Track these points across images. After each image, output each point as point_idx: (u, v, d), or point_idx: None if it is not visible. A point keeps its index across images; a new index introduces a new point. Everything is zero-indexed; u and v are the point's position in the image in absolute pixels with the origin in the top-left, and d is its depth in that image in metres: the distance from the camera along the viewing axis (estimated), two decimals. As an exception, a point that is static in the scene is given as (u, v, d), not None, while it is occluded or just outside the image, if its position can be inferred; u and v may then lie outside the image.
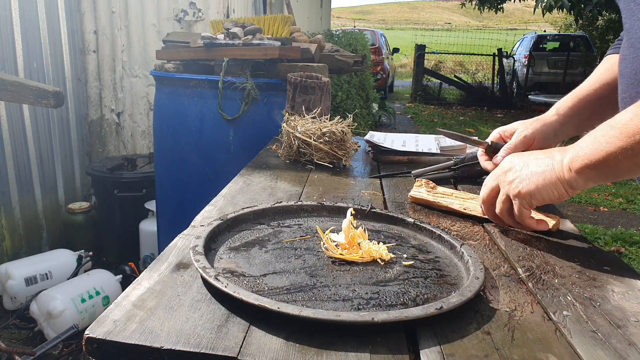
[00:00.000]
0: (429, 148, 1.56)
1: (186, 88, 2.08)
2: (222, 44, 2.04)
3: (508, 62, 12.87)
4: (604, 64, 1.04)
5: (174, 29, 3.30)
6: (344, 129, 1.40)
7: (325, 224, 0.94)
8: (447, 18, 62.28)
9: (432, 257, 0.82)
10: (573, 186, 0.78)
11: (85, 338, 0.55)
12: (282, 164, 1.41)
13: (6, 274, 2.46)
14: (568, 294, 0.71)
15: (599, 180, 0.77)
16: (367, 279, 0.73)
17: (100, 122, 3.59)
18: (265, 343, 0.55)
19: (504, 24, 49.34)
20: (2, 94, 1.86)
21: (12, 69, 2.75)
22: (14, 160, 2.78)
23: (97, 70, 3.49)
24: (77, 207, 3.09)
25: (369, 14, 67.04)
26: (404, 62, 22.64)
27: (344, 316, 0.58)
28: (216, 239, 0.83)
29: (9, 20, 2.72)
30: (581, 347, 0.58)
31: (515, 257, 0.84)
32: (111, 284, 2.47)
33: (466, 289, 0.66)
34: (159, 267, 0.73)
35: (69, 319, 2.22)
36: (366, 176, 1.35)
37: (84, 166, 3.44)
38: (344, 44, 6.13)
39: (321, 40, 2.31)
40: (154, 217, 2.82)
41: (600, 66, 1.04)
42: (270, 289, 0.68)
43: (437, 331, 0.60)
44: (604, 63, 1.04)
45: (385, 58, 12.69)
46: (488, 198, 0.91)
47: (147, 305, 0.62)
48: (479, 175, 1.32)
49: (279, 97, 2.04)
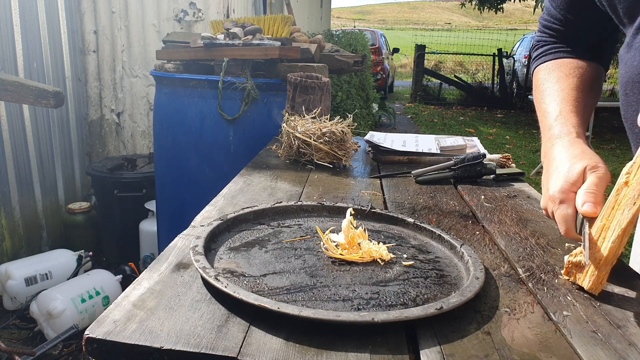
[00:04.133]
0: (429, 148, 1.57)
1: (186, 88, 2.08)
2: (222, 44, 2.04)
3: (508, 62, 12.87)
4: (559, 70, 1.01)
5: (174, 29, 3.30)
6: (344, 129, 1.40)
7: (325, 224, 0.94)
8: (447, 18, 62.31)
9: (432, 257, 0.82)
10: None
11: (85, 338, 0.55)
12: (282, 164, 1.41)
13: (6, 274, 2.46)
14: (568, 294, 0.71)
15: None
16: (367, 279, 0.73)
17: (100, 122, 3.59)
18: (265, 343, 0.55)
19: (504, 24, 49.37)
20: (2, 94, 1.86)
21: (12, 69, 2.75)
22: (14, 160, 2.78)
23: (97, 70, 3.49)
24: (77, 207, 3.09)
25: (369, 14, 67.06)
26: (404, 62, 22.65)
27: (344, 316, 0.58)
28: (216, 239, 0.83)
29: (9, 20, 2.72)
30: (581, 347, 0.58)
31: (515, 257, 0.84)
32: (111, 284, 2.47)
33: (466, 289, 0.66)
34: (159, 267, 0.73)
35: (69, 319, 2.22)
36: (366, 176, 1.35)
37: (84, 166, 3.45)
38: (344, 44, 6.13)
39: (321, 40, 2.31)
40: (154, 217, 2.82)
41: (561, 75, 1.01)
42: (270, 289, 0.68)
43: (437, 331, 0.60)
44: (559, 70, 1.02)
45: (385, 58, 12.70)
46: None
47: (147, 306, 0.62)
48: (479, 175, 1.32)
49: (279, 97, 2.04)
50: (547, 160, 0.89)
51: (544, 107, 0.98)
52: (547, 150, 0.91)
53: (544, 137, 0.94)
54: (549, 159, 0.88)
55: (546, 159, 0.90)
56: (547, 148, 0.91)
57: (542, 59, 1.08)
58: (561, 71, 1.01)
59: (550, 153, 0.88)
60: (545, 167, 0.89)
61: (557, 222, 0.79)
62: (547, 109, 0.97)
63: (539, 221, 1.03)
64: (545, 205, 0.83)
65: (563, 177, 0.79)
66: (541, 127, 0.98)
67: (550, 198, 0.80)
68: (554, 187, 0.79)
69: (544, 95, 1.00)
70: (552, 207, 0.79)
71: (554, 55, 1.06)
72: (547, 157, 0.90)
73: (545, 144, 0.93)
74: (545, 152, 0.91)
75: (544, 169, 0.89)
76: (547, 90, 1.00)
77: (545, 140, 0.93)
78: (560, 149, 0.86)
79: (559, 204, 0.78)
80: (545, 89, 1.01)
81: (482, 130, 8.63)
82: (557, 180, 0.80)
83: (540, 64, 1.08)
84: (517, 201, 1.17)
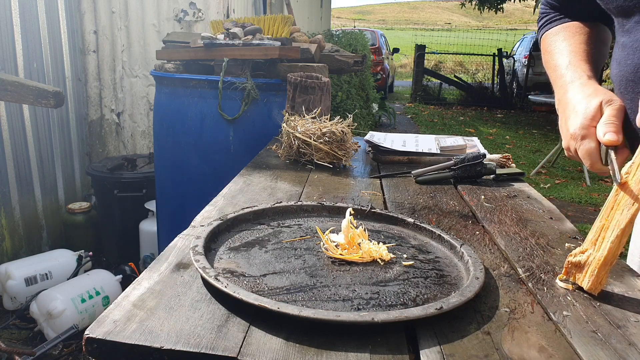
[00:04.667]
0: (429, 148, 1.57)
1: (186, 88, 2.08)
2: (222, 44, 2.04)
3: (508, 62, 12.87)
4: (565, 31, 1.03)
5: (174, 29, 3.30)
6: (344, 129, 1.40)
7: (325, 224, 0.94)
8: (447, 18, 62.33)
9: (432, 257, 0.82)
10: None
11: (85, 338, 0.55)
12: (282, 164, 1.41)
13: (6, 274, 2.46)
14: (568, 294, 0.71)
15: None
16: (367, 279, 0.73)
17: (100, 122, 3.59)
18: (265, 343, 0.55)
19: (504, 24, 49.37)
20: (2, 94, 1.86)
21: (12, 69, 2.75)
22: (14, 160, 2.78)
23: (97, 70, 3.49)
24: (77, 207, 3.09)
25: (369, 14, 67.07)
26: (404, 62, 22.64)
27: (344, 316, 0.58)
28: (216, 239, 0.83)
29: (9, 20, 2.72)
30: (581, 347, 0.58)
31: (515, 257, 0.84)
32: (111, 284, 2.47)
33: (466, 289, 0.66)
34: (159, 267, 0.73)
35: (69, 319, 2.22)
36: (366, 176, 1.35)
37: (84, 166, 3.45)
38: (344, 44, 6.13)
39: (321, 40, 2.31)
40: (154, 217, 2.82)
41: (568, 34, 1.02)
42: (270, 289, 0.68)
43: (437, 331, 0.60)
44: (565, 31, 1.03)
45: (385, 58, 12.69)
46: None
47: (147, 306, 0.62)
48: (479, 175, 1.32)
49: (279, 97, 2.04)
50: (562, 105, 0.91)
51: (553, 63, 1.00)
52: (560, 97, 0.93)
53: (556, 86, 0.96)
54: (564, 103, 0.90)
55: (560, 104, 0.92)
56: (561, 95, 0.93)
57: (548, 26, 1.09)
58: (568, 31, 1.03)
59: (565, 97, 0.90)
60: (562, 111, 0.91)
61: (581, 159, 0.81)
62: (557, 62, 0.99)
63: (539, 221, 1.03)
64: (567, 145, 0.85)
65: (582, 114, 0.81)
66: (552, 81, 1.00)
67: (571, 136, 0.82)
68: (574, 125, 0.82)
69: (552, 54, 1.02)
70: (575, 144, 0.81)
71: (559, 21, 1.06)
72: (561, 103, 0.92)
73: (558, 92, 0.95)
74: (560, 99, 0.93)
75: (560, 114, 0.92)
76: (556, 48, 1.02)
77: (557, 89, 0.96)
78: (574, 91, 0.88)
79: (581, 139, 0.80)
80: (553, 48, 1.02)
81: (482, 130, 8.63)
82: (576, 118, 0.82)
83: (546, 31, 1.09)
84: (517, 201, 1.17)
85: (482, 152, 1.35)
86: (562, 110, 0.90)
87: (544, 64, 1.06)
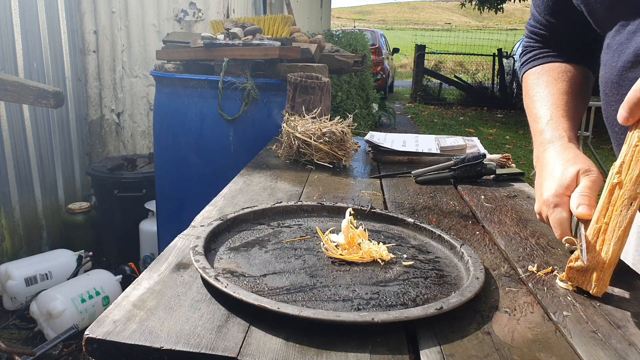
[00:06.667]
0: (429, 148, 1.57)
1: (186, 88, 2.08)
2: (222, 44, 2.04)
3: (508, 62, 12.87)
4: (547, 75, 1.02)
5: (174, 29, 3.30)
6: (344, 129, 1.40)
7: (325, 224, 0.94)
8: (447, 18, 62.35)
9: (432, 257, 0.82)
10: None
11: (85, 338, 0.55)
12: (282, 164, 1.41)
13: (6, 274, 2.46)
14: (568, 294, 0.71)
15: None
16: (367, 279, 0.73)
17: (100, 122, 3.59)
18: (265, 343, 0.55)
19: (504, 24, 49.40)
20: (2, 94, 1.86)
21: (12, 69, 2.75)
22: (14, 160, 2.78)
23: (97, 70, 3.49)
24: (77, 207, 3.09)
25: (369, 14, 67.09)
26: (404, 62, 22.65)
27: (344, 316, 0.58)
28: (216, 239, 0.83)
29: (9, 20, 2.72)
30: (581, 347, 0.58)
31: (515, 257, 0.84)
32: (111, 284, 2.47)
33: (466, 289, 0.66)
34: (159, 267, 0.73)
35: (69, 319, 2.22)
36: (366, 176, 1.35)
37: (84, 166, 3.45)
38: (344, 44, 6.14)
39: (321, 40, 2.31)
40: (154, 217, 2.82)
41: (550, 80, 1.01)
42: (270, 289, 0.68)
43: (437, 331, 0.60)
44: (547, 75, 1.02)
45: (385, 58, 12.70)
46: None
47: (147, 306, 0.62)
48: (479, 175, 1.32)
49: (279, 97, 2.04)
50: (540, 165, 0.88)
51: (534, 112, 0.98)
52: (539, 155, 0.91)
53: (536, 141, 0.94)
54: (542, 163, 0.88)
55: (539, 163, 0.90)
56: (540, 152, 0.91)
57: (531, 64, 1.08)
58: (550, 75, 1.01)
59: (543, 158, 0.88)
60: (538, 171, 0.89)
61: (552, 226, 0.78)
62: (538, 113, 0.97)
63: (539, 221, 1.03)
64: (539, 209, 0.83)
65: (557, 181, 0.79)
66: (532, 132, 0.97)
67: (544, 202, 0.79)
68: (548, 191, 0.79)
69: (534, 100, 1.00)
70: (547, 211, 0.79)
71: (542, 60, 1.06)
72: (539, 162, 0.90)
73: (538, 149, 0.92)
74: (538, 157, 0.91)
75: (537, 173, 0.89)
76: (537, 95, 1.00)
77: (537, 145, 0.93)
78: (552, 153, 0.86)
79: (553, 207, 0.77)
80: (535, 94, 1.01)
81: (482, 130, 8.63)
82: (550, 184, 0.80)
83: (529, 69, 1.08)
84: (517, 201, 1.17)
85: (482, 152, 1.35)
86: (539, 170, 0.88)
87: (525, 106, 1.04)
